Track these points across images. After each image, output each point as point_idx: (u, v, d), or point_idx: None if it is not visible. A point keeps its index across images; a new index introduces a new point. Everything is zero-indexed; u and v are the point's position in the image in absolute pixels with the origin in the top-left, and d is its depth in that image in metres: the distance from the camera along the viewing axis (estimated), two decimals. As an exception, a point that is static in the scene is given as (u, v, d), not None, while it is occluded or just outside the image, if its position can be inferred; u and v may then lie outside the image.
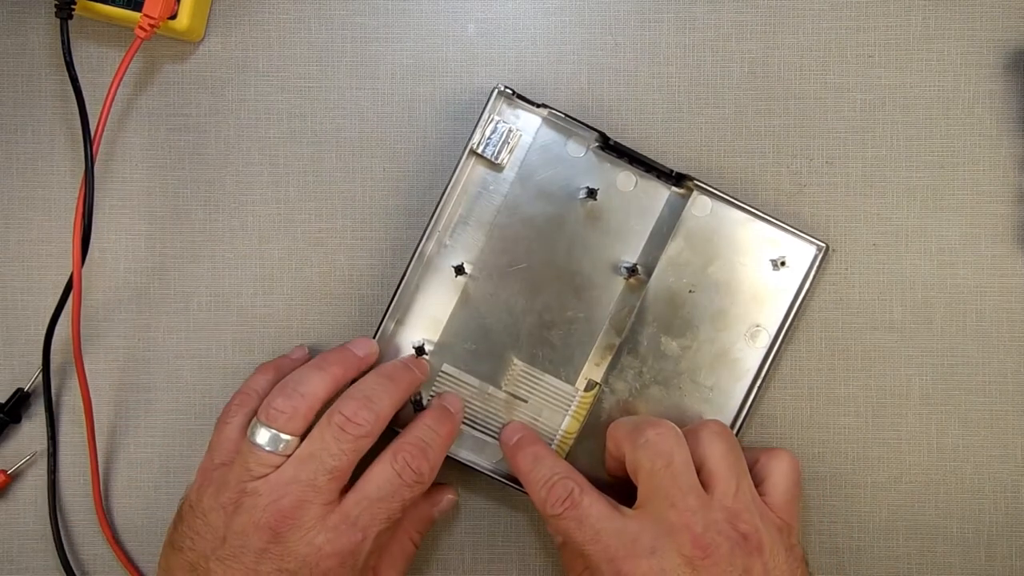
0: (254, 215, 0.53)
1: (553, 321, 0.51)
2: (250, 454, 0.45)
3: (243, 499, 0.45)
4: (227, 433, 0.48)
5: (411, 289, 0.51)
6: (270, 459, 0.45)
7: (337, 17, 0.53)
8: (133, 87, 0.53)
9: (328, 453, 0.45)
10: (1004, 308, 0.52)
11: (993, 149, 0.52)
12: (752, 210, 0.51)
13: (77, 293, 0.49)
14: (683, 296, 0.51)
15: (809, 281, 0.51)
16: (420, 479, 0.46)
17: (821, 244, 0.51)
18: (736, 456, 0.46)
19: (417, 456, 0.46)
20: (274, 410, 0.46)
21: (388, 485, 0.45)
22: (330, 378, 0.47)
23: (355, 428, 0.45)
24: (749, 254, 0.51)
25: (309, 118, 0.53)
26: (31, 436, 0.53)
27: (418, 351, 0.51)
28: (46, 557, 0.53)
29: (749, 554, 0.44)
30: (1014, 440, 0.52)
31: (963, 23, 0.52)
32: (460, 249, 0.51)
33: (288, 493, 0.44)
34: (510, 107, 0.51)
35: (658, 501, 0.44)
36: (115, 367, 0.53)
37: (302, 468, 0.45)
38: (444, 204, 0.50)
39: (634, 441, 0.46)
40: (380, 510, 0.45)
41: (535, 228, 0.51)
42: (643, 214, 0.51)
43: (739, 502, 0.45)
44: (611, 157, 0.51)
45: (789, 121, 0.53)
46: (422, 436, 0.47)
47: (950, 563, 0.52)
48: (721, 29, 0.53)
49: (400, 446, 0.46)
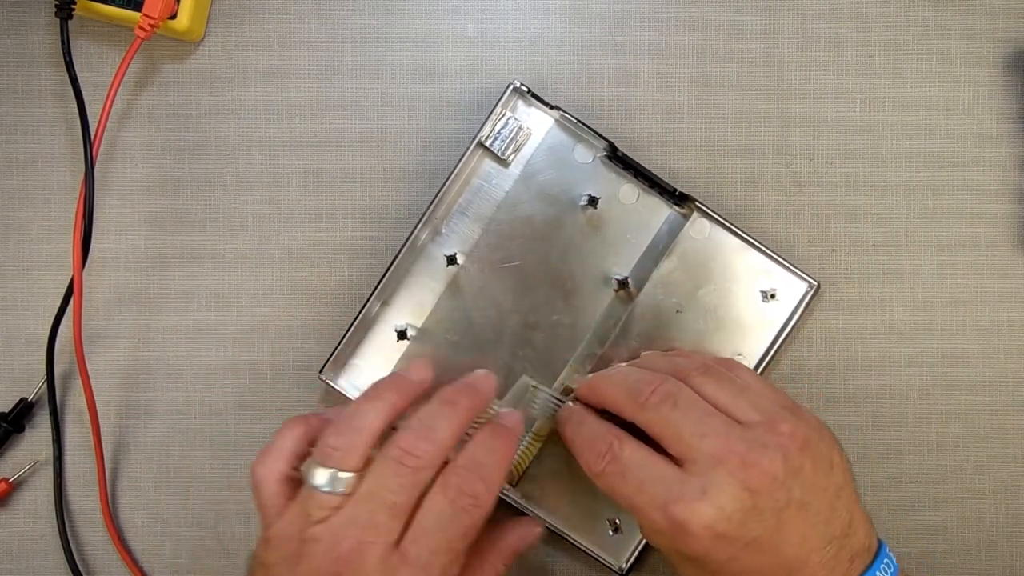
0: (254, 215, 0.53)
1: (538, 323, 0.51)
2: (309, 498, 0.42)
3: (304, 548, 0.42)
4: (268, 488, 0.44)
5: (401, 272, 0.51)
6: (330, 500, 0.42)
7: (337, 17, 0.53)
8: (133, 87, 0.53)
9: (387, 489, 0.42)
10: (1004, 308, 0.52)
11: (993, 149, 0.52)
12: (750, 239, 0.50)
13: (78, 297, 0.49)
14: (670, 315, 0.51)
15: (796, 317, 0.51)
16: (477, 502, 0.42)
17: (813, 282, 0.51)
18: (728, 379, 0.45)
19: (470, 479, 0.42)
20: (329, 448, 0.42)
21: (444, 515, 0.42)
22: (385, 408, 0.44)
23: (414, 460, 0.42)
24: (741, 282, 0.51)
25: (309, 118, 0.53)
26: (31, 443, 0.53)
27: (400, 335, 0.51)
28: (47, 557, 0.53)
29: (801, 451, 0.42)
30: (1014, 440, 0.52)
31: (963, 23, 0.52)
32: (455, 239, 0.51)
33: (347, 536, 0.41)
34: (523, 105, 0.51)
35: (688, 441, 0.42)
36: (116, 367, 0.53)
37: (361, 508, 0.42)
38: (445, 192, 0.50)
39: (638, 405, 0.44)
40: (440, 542, 0.42)
41: (532, 228, 0.51)
42: (641, 229, 0.51)
43: (763, 402, 0.44)
44: (617, 168, 0.51)
45: (789, 121, 0.53)
46: (474, 456, 0.43)
47: (950, 563, 0.52)
48: (721, 29, 0.53)
49: (451, 471, 0.43)
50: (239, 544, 0.53)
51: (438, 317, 0.51)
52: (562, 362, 0.51)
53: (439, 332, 0.51)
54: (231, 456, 0.53)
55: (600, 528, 0.51)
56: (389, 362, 0.51)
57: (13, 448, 0.53)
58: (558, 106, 0.50)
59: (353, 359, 0.52)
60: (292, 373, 0.53)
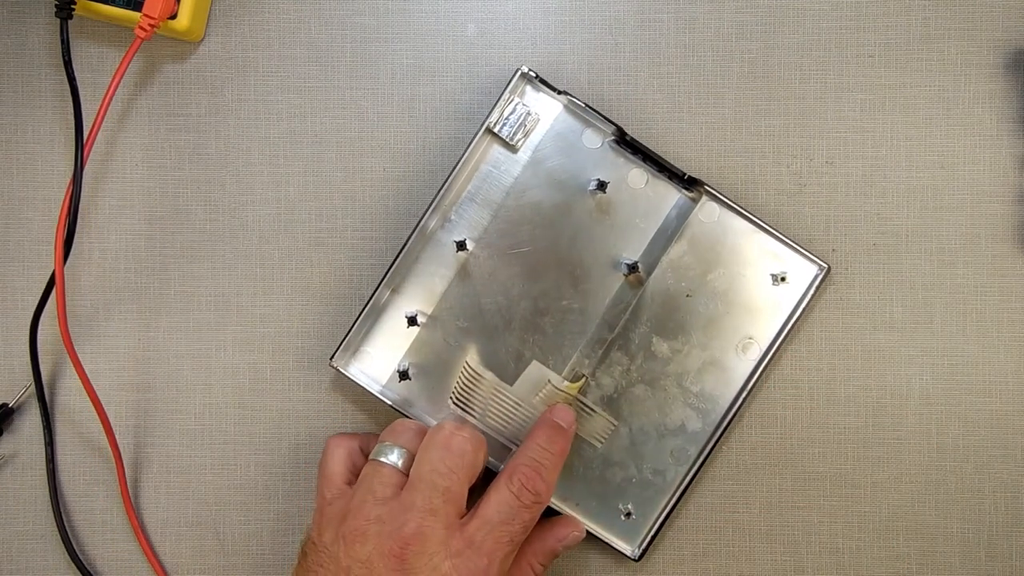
0: (254, 215, 0.53)
1: (548, 308, 0.51)
2: (374, 474, 0.46)
3: (368, 527, 0.45)
4: (332, 467, 0.48)
5: (410, 259, 0.51)
6: (394, 477, 0.46)
7: (337, 17, 0.53)
8: (133, 87, 0.53)
9: (437, 474, 0.45)
10: (1004, 308, 0.52)
11: (993, 149, 0.52)
12: (759, 222, 0.51)
13: (60, 292, 0.49)
14: (680, 299, 0.51)
15: (807, 300, 0.51)
16: (538, 499, 0.46)
17: (823, 265, 0.51)
18: None
19: (533, 477, 0.46)
20: (398, 428, 0.48)
21: (507, 507, 0.45)
22: None
23: (461, 442, 0.46)
24: (751, 266, 0.51)
25: (309, 118, 0.53)
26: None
27: (410, 321, 0.51)
28: (47, 557, 0.53)
29: None
30: (1014, 440, 0.52)
31: (963, 23, 0.52)
32: (464, 225, 0.51)
33: (410, 519, 0.44)
34: (531, 90, 0.51)
35: None
36: (115, 367, 0.53)
37: (417, 494, 0.45)
38: (454, 179, 0.50)
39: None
40: (502, 533, 0.45)
41: (541, 214, 0.51)
42: (650, 213, 0.51)
43: None
44: (625, 152, 0.51)
45: (789, 121, 0.53)
46: (535, 456, 0.47)
47: (950, 563, 0.52)
48: (721, 29, 0.53)
49: (515, 467, 0.46)
50: (239, 544, 0.53)
51: (448, 303, 0.51)
52: (572, 347, 0.51)
53: (449, 318, 0.51)
54: (231, 456, 0.53)
55: (612, 514, 0.51)
56: (399, 349, 0.51)
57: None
58: (566, 91, 0.50)
59: (363, 346, 0.52)
60: (292, 373, 0.53)
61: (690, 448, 0.51)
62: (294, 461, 0.53)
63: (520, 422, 0.49)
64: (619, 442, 0.51)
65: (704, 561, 0.52)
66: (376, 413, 0.53)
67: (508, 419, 0.50)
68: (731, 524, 0.53)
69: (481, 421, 0.49)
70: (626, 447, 0.51)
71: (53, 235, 0.53)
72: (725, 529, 0.53)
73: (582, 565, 0.53)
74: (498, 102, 0.50)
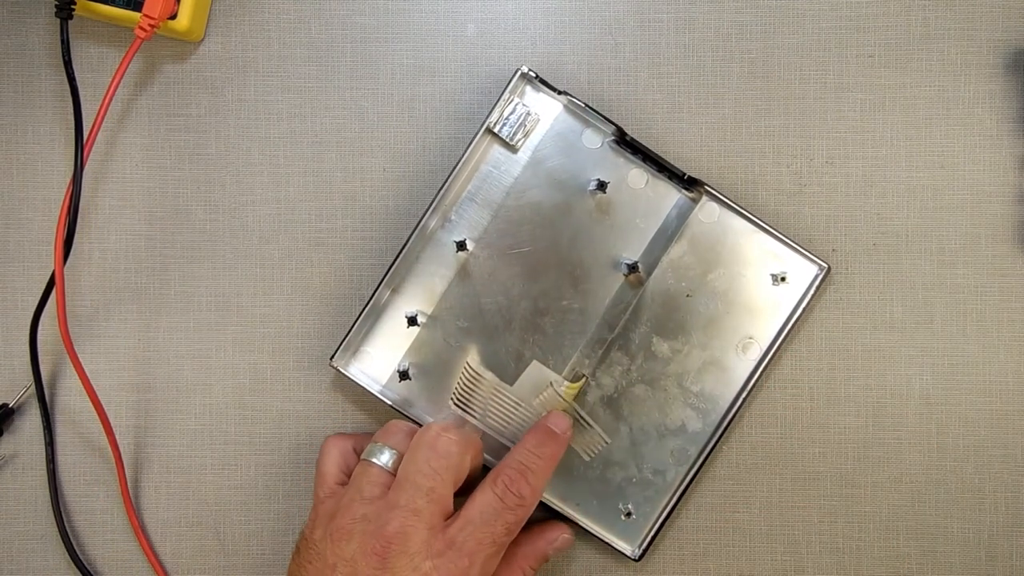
0: (254, 215, 0.53)
1: (548, 308, 0.51)
2: (363, 475, 0.46)
3: (354, 526, 0.45)
4: (326, 467, 0.49)
5: (411, 259, 0.51)
6: (382, 477, 0.46)
7: (337, 17, 0.53)
8: (133, 87, 0.53)
9: (421, 474, 0.45)
10: (1004, 308, 0.52)
11: (993, 149, 0.52)
12: (759, 222, 0.51)
13: (60, 293, 0.49)
14: (680, 299, 0.51)
15: (807, 300, 0.51)
16: (522, 502, 0.46)
17: (823, 265, 0.51)
18: None
19: (517, 480, 0.46)
20: (391, 428, 0.48)
21: (490, 509, 0.45)
22: None
23: (447, 444, 0.46)
24: (751, 266, 0.51)
25: (309, 118, 0.53)
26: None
27: (411, 321, 0.51)
28: (47, 557, 0.53)
29: None
30: (1015, 440, 0.52)
31: (963, 23, 0.52)
32: (464, 225, 0.51)
33: (393, 519, 0.44)
34: (531, 90, 0.51)
35: None
36: (115, 367, 0.53)
37: (402, 493, 0.45)
38: (454, 179, 0.50)
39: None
40: (484, 535, 0.45)
41: (541, 214, 0.51)
42: (650, 213, 0.51)
43: None
44: (625, 152, 0.51)
45: (789, 121, 0.53)
46: (522, 459, 0.47)
47: (951, 563, 0.52)
48: (721, 29, 0.53)
49: (501, 470, 0.46)
50: (239, 544, 0.53)
51: (448, 303, 0.51)
52: (572, 347, 0.51)
53: (449, 318, 0.51)
54: (231, 456, 0.53)
55: (613, 514, 0.51)
56: (399, 349, 0.52)
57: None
58: (566, 91, 0.50)
59: (364, 346, 0.52)
60: (292, 373, 0.53)
61: (690, 448, 0.51)
62: (294, 461, 0.53)
63: (520, 423, 0.49)
64: (619, 442, 0.51)
65: (704, 561, 0.52)
66: (376, 413, 0.53)
67: (508, 419, 0.50)
68: (731, 524, 0.53)
69: (481, 421, 0.49)
70: (626, 447, 0.51)
71: (53, 235, 0.53)
72: (725, 529, 0.53)
73: (582, 565, 0.53)
74: (498, 102, 0.50)
